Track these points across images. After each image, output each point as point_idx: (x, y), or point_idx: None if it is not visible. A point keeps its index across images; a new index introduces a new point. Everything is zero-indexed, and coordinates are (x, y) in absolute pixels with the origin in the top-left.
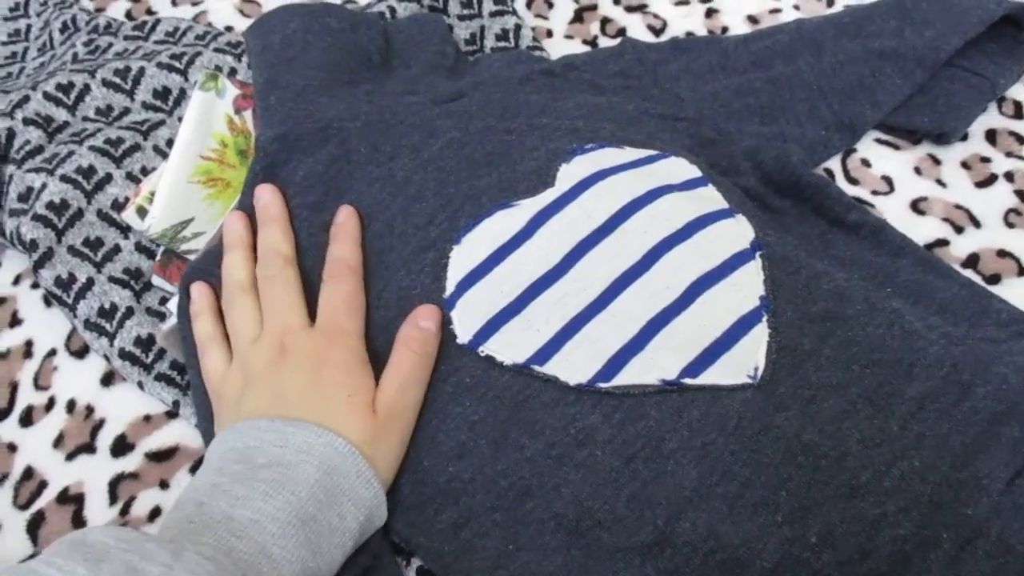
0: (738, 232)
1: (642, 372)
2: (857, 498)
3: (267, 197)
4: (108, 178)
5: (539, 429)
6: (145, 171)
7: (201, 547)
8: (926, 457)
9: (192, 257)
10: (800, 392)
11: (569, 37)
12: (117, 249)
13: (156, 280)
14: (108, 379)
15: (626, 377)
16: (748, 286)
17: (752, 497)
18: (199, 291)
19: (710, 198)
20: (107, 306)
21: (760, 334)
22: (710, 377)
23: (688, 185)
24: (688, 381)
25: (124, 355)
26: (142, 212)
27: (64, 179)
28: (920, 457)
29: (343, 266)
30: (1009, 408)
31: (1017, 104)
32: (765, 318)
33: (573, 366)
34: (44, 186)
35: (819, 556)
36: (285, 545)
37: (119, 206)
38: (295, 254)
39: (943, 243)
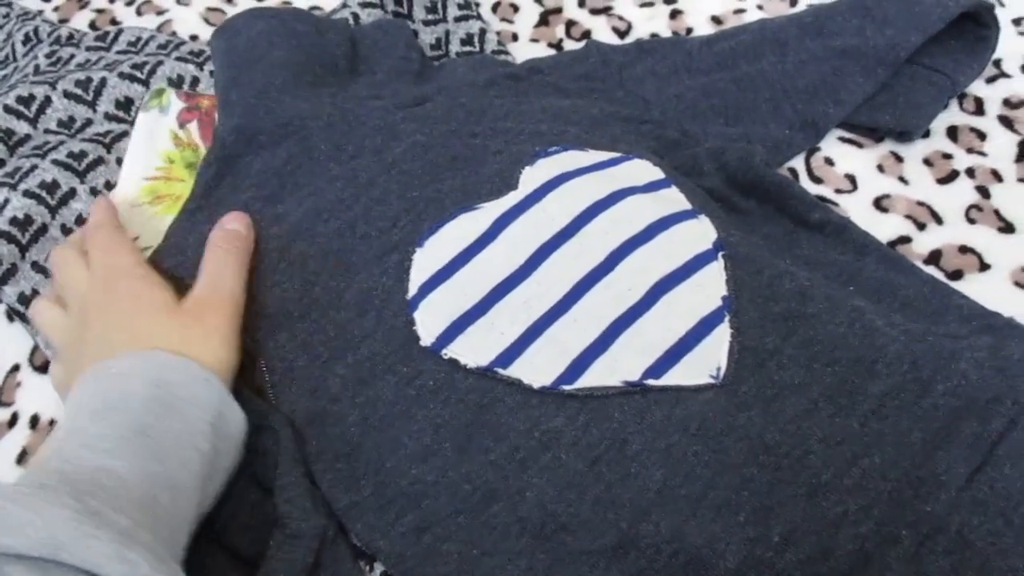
0: (700, 232)
1: (606, 374)
2: (819, 497)
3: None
4: (72, 193)
5: (503, 432)
6: (109, 185)
7: (23, 482)
8: (886, 455)
9: None
10: (762, 391)
11: (535, 40)
12: None
13: None
14: None
15: (590, 379)
16: (710, 286)
17: (715, 498)
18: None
19: (673, 200)
20: None
21: (722, 334)
22: (673, 378)
23: (651, 187)
24: (651, 382)
25: None
26: None
27: (27, 194)
28: (881, 455)
29: (92, 224)
30: (968, 404)
31: (978, 100)
32: (727, 318)
33: (537, 368)
34: (7, 201)
35: (782, 556)
36: (121, 456)
37: (83, 221)
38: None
39: (905, 240)
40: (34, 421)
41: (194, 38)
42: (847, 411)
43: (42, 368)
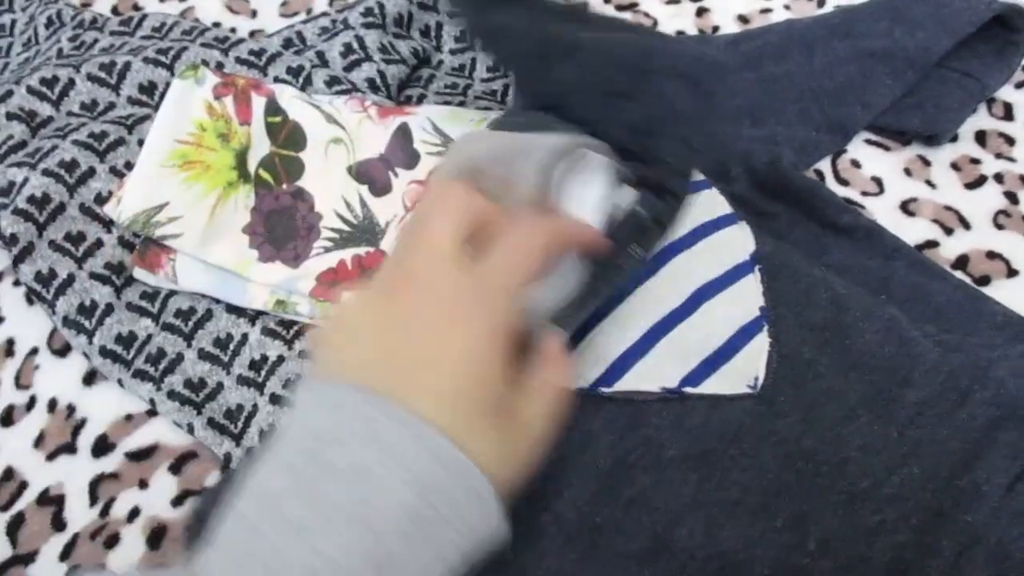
0: (740, 241)
1: (644, 379)
2: (856, 505)
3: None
4: (91, 172)
5: None
6: (129, 165)
7: None
8: (925, 464)
9: (170, 243)
10: (800, 400)
11: None
12: (99, 244)
13: (138, 273)
14: (90, 378)
15: (628, 383)
16: (748, 297)
17: (751, 503)
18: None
19: (715, 202)
20: (87, 303)
21: (761, 344)
22: (710, 387)
23: (693, 187)
24: (689, 390)
25: (104, 352)
26: None
27: (46, 173)
28: (919, 464)
29: (538, 234)
30: (1007, 413)
31: (1007, 105)
32: (766, 328)
33: (577, 370)
34: (26, 180)
35: (817, 563)
36: None
37: (102, 200)
38: None
39: (932, 244)
40: (52, 405)
41: (216, 25)
42: (885, 420)
43: (60, 351)
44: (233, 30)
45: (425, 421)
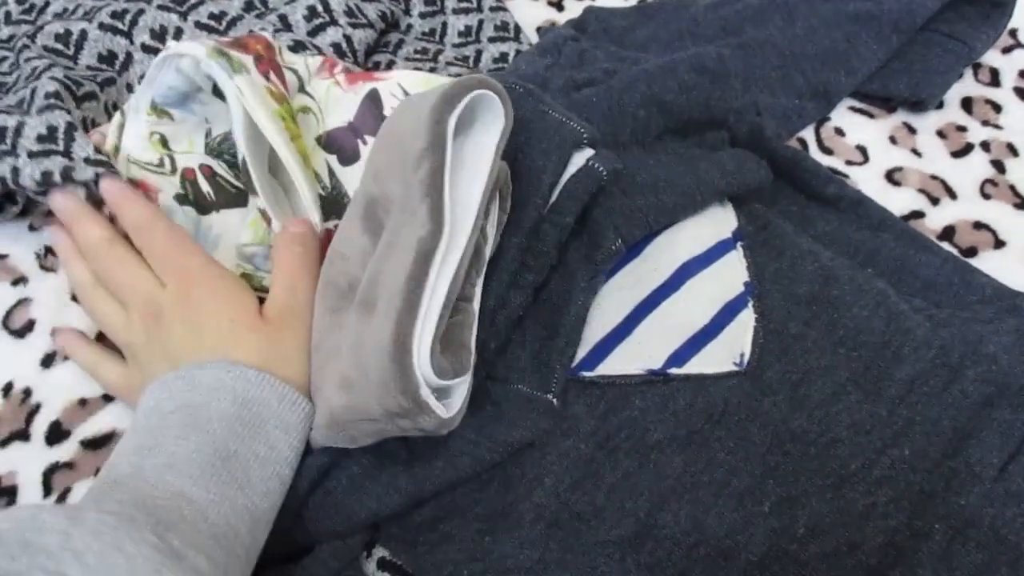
0: (723, 216)
1: (627, 360)
2: (846, 488)
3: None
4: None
5: None
6: (94, 123)
7: (106, 504)
8: (916, 444)
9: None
10: (787, 376)
11: None
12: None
13: None
14: (48, 360)
15: (611, 366)
16: (732, 273)
17: (738, 486)
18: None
19: None
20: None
21: (747, 320)
22: (696, 366)
23: None
24: (674, 371)
25: None
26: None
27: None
28: (910, 445)
29: (143, 220)
30: (999, 389)
31: (994, 71)
32: (751, 303)
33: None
34: (21, 124)
35: (806, 548)
36: (206, 485)
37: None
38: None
39: (919, 215)
40: (7, 388)
41: None
42: (874, 397)
43: (18, 332)
44: None
45: (230, 361)
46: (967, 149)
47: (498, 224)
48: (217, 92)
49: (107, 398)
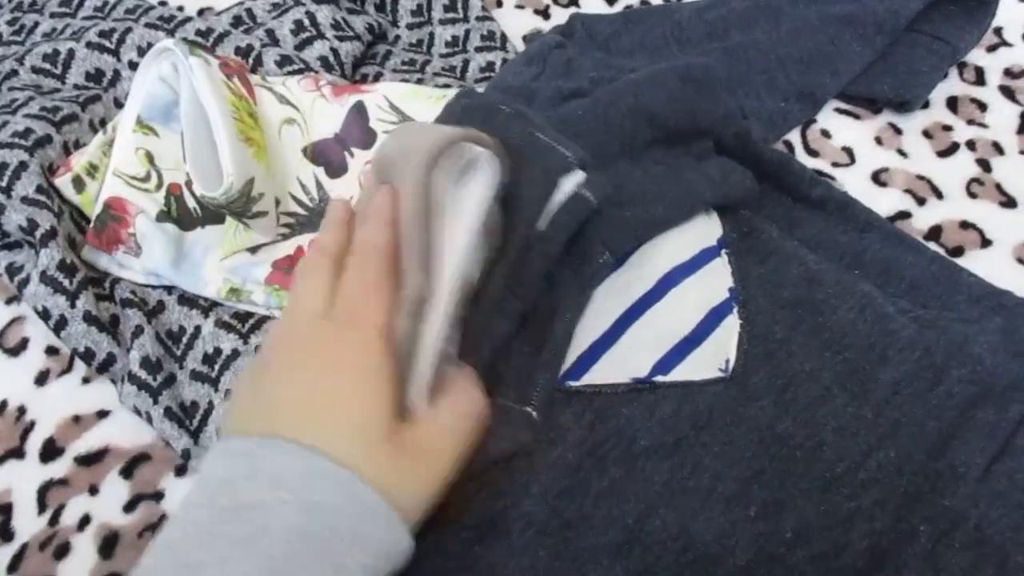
0: (708, 224)
1: (613, 369)
2: (832, 491)
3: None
4: (48, 139)
5: None
6: (78, 144)
7: None
8: (902, 446)
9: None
10: (773, 381)
11: (520, 7)
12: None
13: (87, 252)
14: (42, 378)
15: (597, 375)
16: (716, 279)
17: (724, 491)
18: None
19: None
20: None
21: (731, 325)
22: (682, 373)
23: None
24: (660, 379)
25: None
26: (79, 183)
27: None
28: (896, 446)
29: (368, 247)
30: (984, 390)
31: (978, 70)
32: (736, 309)
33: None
34: None
35: (794, 552)
36: None
37: (52, 171)
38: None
39: (905, 215)
40: (2, 406)
41: (163, 3)
42: (860, 399)
43: (12, 351)
44: (181, 8)
45: (310, 448)
46: (953, 148)
47: (486, 261)
48: None
49: (100, 414)
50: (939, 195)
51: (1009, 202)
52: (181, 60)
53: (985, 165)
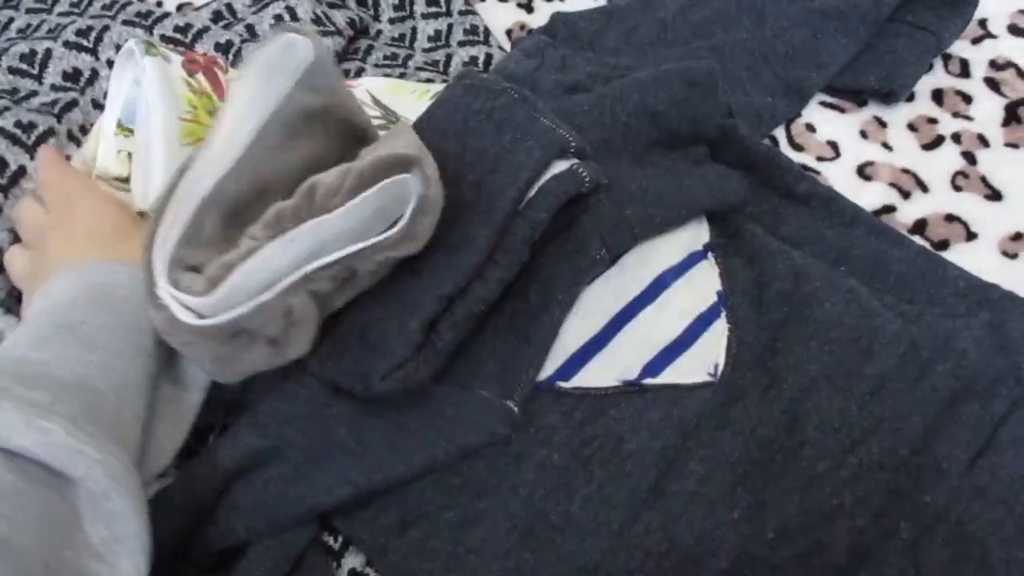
0: (696, 228)
1: (603, 371)
2: (814, 489)
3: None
4: (22, 171)
5: None
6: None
7: None
8: (885, 441)
9: None
10: (758, 379)
11: (503, 1)
12: None
13: None
14: None
15: (587, 377)
16: (705, 283)
17: (708, 494)
18: None
19: None
20: None
21: (720, 330)
22: (671, 376)
23: None
24: (649, 381)
25: None
26: None
27: None
28: (879, 442)
29: (38, 174)
30: (969, 385)
31: (963, 62)
32: (724, 314)
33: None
34: None
35: (776, 552)
36: (45, 347)
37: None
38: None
39: (890, 209)
40: None
41: None
42: (845, 393)
43: None
44: (159, 3)
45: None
46: (938, 141)
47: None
48: None
49: None
50: (924, 188)
51: (994, 195)
52: (137, 59)
53: (970, 158)
